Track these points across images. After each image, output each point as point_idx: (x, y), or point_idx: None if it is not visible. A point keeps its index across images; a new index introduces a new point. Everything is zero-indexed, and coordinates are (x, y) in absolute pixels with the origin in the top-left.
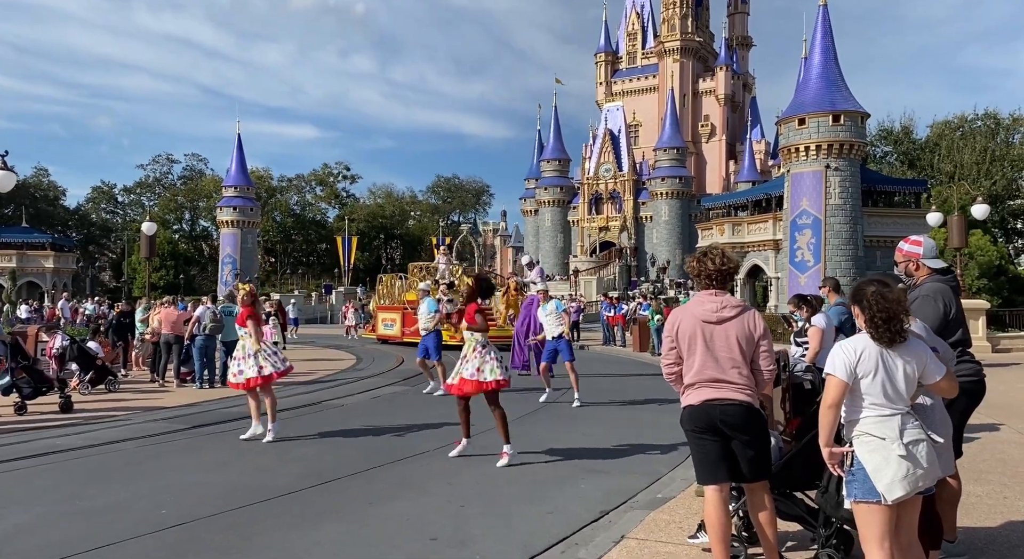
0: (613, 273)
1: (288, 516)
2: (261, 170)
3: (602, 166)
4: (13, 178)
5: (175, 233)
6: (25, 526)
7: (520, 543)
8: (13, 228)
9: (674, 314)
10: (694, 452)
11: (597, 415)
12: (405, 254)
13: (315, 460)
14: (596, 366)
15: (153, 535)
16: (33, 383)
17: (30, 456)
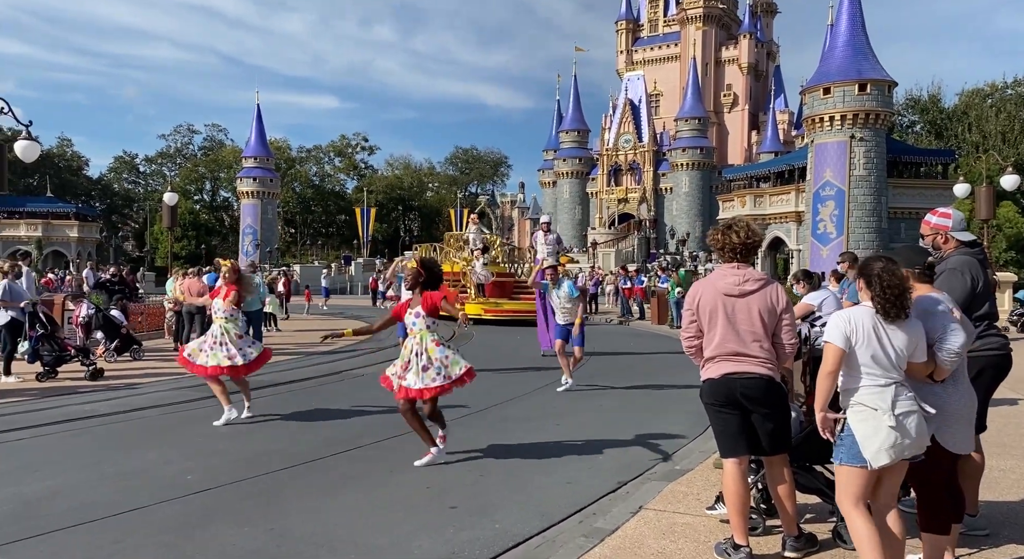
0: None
1: (310, 483)
2: (280, 141)
3: (622, 136)
4: (37, 148)
5: (196, 203)
6: (55, 489)
7: (538, 512)
8: (38, 198)
9: (695, 287)
10: (714, 425)
11: (614, 388)
12: (423, 226)
13: (336, 429)
14: (613, 339)
15: (180, 500)
16: (54, 351)
17: (59, 422)
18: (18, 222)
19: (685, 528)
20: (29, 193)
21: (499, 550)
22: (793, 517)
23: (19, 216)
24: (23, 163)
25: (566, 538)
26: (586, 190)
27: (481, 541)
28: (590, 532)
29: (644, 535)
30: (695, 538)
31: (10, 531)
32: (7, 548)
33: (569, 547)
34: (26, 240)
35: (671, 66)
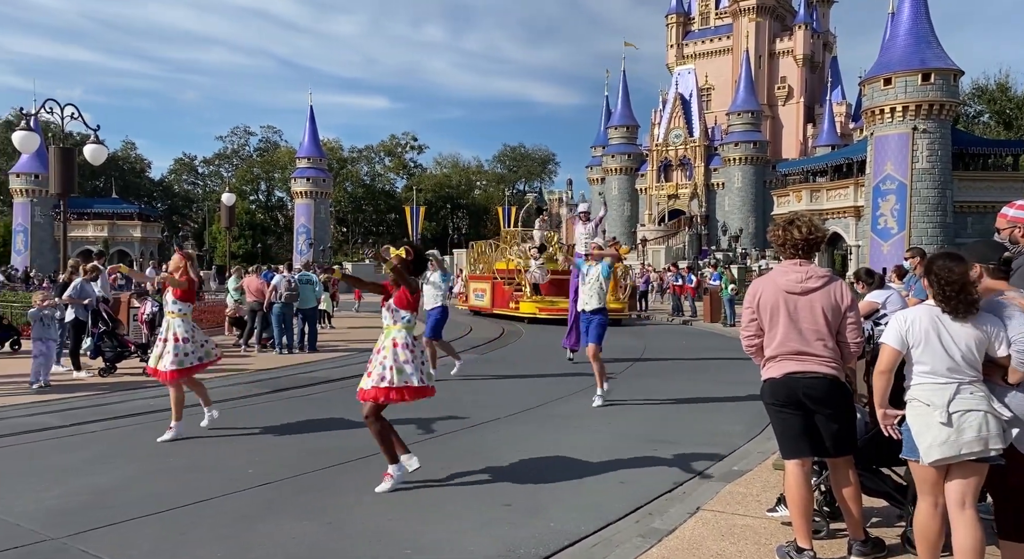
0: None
1: (363, 478)
2: (332, 141)
3: (672, 132)
4: (104, 151)
5: (252, 203)
6: (125, 481)
7: (593, 512)
8: (104, 199)
9: (755, 284)
10: (775, 426)
11: (666, 386)
12: (471, 224)
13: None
14: (665, 337)
15: (241, 493)
16: (115, 347)
17: (127, 415)
18: (86, 223)
19: (745, 530)
20: (96, 195)
21: (554, 548)
22: (859, 521)
23: (87, 217)
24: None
25: (622, 538)
26: (635, 186)
27: (536, 539)
28: (647, 532)
29: (703, 536)
30: (756, 540)
31: (85, 520)
32: (84, 536)
33: (626, 547)
34: (93, 240)
35: (723, 59)
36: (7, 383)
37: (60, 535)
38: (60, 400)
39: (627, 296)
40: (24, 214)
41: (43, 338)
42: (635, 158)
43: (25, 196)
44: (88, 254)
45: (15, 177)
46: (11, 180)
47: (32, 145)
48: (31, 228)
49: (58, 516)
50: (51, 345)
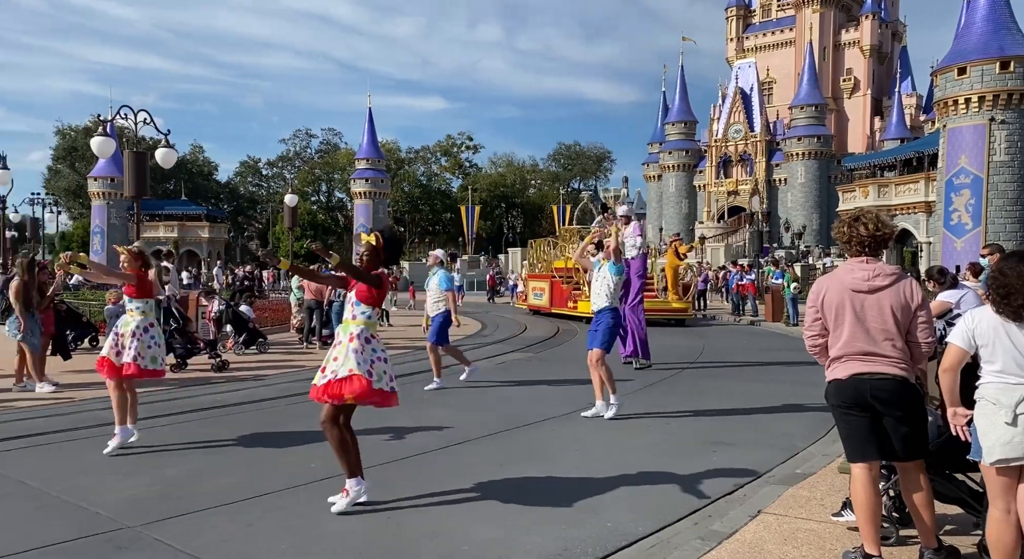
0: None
1: (423, 475)
2: (391, 142)
3: (732, 127)
4: (174, 155)
5: (313, 204)
6: (194, 473)
7: (651, 513)
8: (174, 201)
9: (819, 283)
10: (841, 428)
11: (724, 387)
12: (526, 223)
13: (445, 422)
14: (725, 337)
15: (304, 487)
16: (185, 344)
17: (195, 410)
18: (157, 224)
19: (809, 534)
20: (166, 197)
21: (611, 549)
22: (931, 528)
23: (158, 218)
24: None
25: (681, 539)
26: (693, 183)
27: (593, 539)
28: (706, 535)
29: (764, 540)
30: (820, 545)
31: (158, 510)
32: (157, 525)
33: (684, 549)
34: (164, 240)
35: (785, 52)
36: (87, 377)
37: (135, 524)
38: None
39: (691, 295)
40: (101, 216)
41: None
42: (693, 154)
43: (102, 199)
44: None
45: (93, 181)
46: (89, 184)
47: (109, 150)
48: (107, 229)
49: (133, 505)
50: None
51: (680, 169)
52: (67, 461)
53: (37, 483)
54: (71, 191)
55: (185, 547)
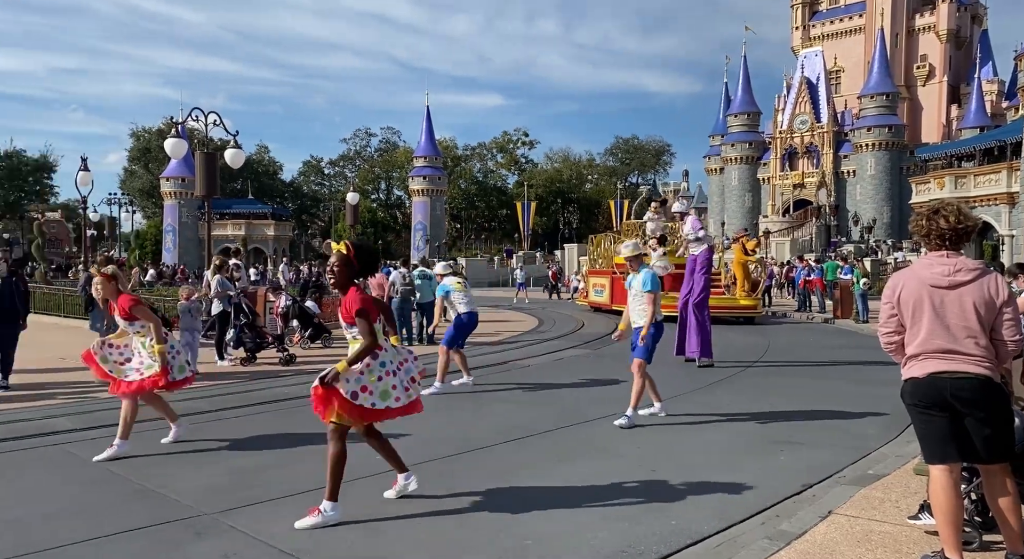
0: (809, 234)
1: (485, 468)
2: (448, 140)
3: (797, 118)
4: (243, 156)
5: (373, 202)
6: (265, 463)
7: (716, 512)
8: (241, 200)
9: (895, 278)
10: (918, 428)
11: (789, 385)
12: (582, 218)
13: (505, 417)
14: (790, 334)
15: (372, 478)
16: (255, 338)
17: (265, 402)
18: (226, 222)
19: (884, 537)
20: (234, 196)
21: (677, 546)
22: (1018, 534)
23: (227, 217)
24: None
25: (748, 539)
26: (757, 176)
27: (657, 536)
28: (774, 535)
29: (836, 541)
30: (896, 548)
31: (232, 498)
32: (232, 513)
33: (752, 548)
34: (232, 238)
35: (854, 39)
36: None
37: (212, 511)
38: (208, 387)
39: (759, 292)
40: (173, 215)
41: (189, 329)
42: (757, 146)
43: (173, 198)
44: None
45: (165, 181)
46: (162, 184)
47: (181, 151)
48: (178, 228)
49: (209, 493)
50: (196, 335)
51: (743, 162)
52: (146, 450)
53: (121, 471)
54: (145, 191)
55: (258, 535)
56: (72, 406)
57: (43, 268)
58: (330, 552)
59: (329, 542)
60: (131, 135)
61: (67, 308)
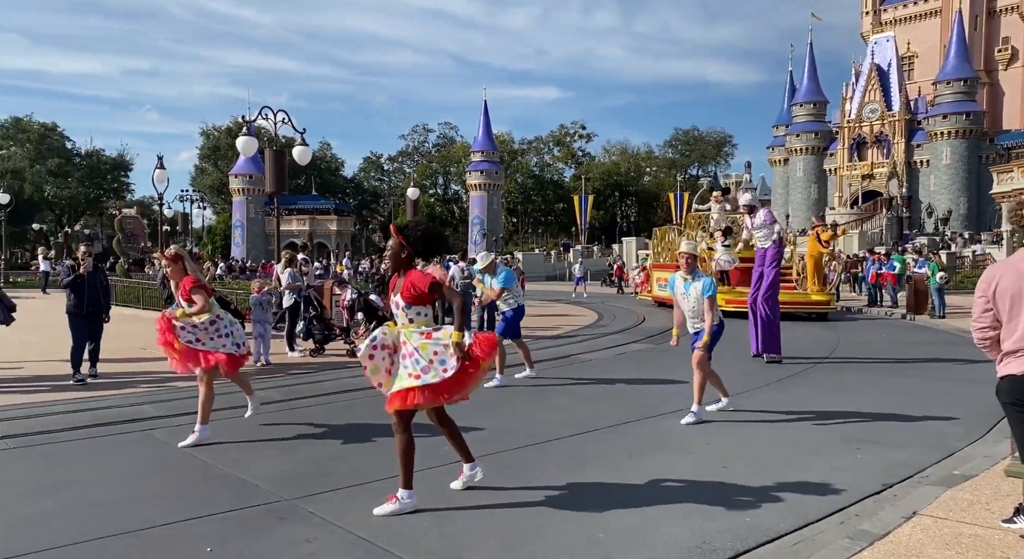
0: (880, 226)
1: (554, 462)
2: (504, 134)
3: (867, 106)
4: (310, 152)
5: (431, 197)
6: (339, 453)
7: (791, 509)
8: (305, 196)
9: (991, 271)
10: (1015, 428)
11: (864, 382)
12: (640, 211)
13: (571, 411)
14: (861, 330)
15: (442, 468)
16: (323, 330)
17: (335, 392)
18: (291, 218)
19: (974, 540)
20: (298, 192)
21: (752, 544)
22: None
23: (292, 212)
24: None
25: (827, 538)
26: (823, 167)
27: (731, 533)
28: (855, 534)
29: (922, 543)
30: (989, 553)
31: (310, 485)
32: (310, 499)
33: (832, 548)
34: (297, 233)
35: (929, 23)
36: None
37: (291, 497)
38: (280, 377)
39: (833, 287)
40: (241, 211)
41: (261, 321)
42: (823, 136)
43: (241, 195)
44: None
45: (233, 178)
46: (231, 180)
47: (252, 148)
48: (246, 223)
49: (288, 480)
50: (267, 326)
51: (808, 152)
52: (227, 436)
53: (204, 456)
54: (215, 188)
55: (337, 521)
56: (155, 394)
57: (123, 262)
58: (405, 539)
59: (404, 529)
60: (201, 133)
61: (146, 300)
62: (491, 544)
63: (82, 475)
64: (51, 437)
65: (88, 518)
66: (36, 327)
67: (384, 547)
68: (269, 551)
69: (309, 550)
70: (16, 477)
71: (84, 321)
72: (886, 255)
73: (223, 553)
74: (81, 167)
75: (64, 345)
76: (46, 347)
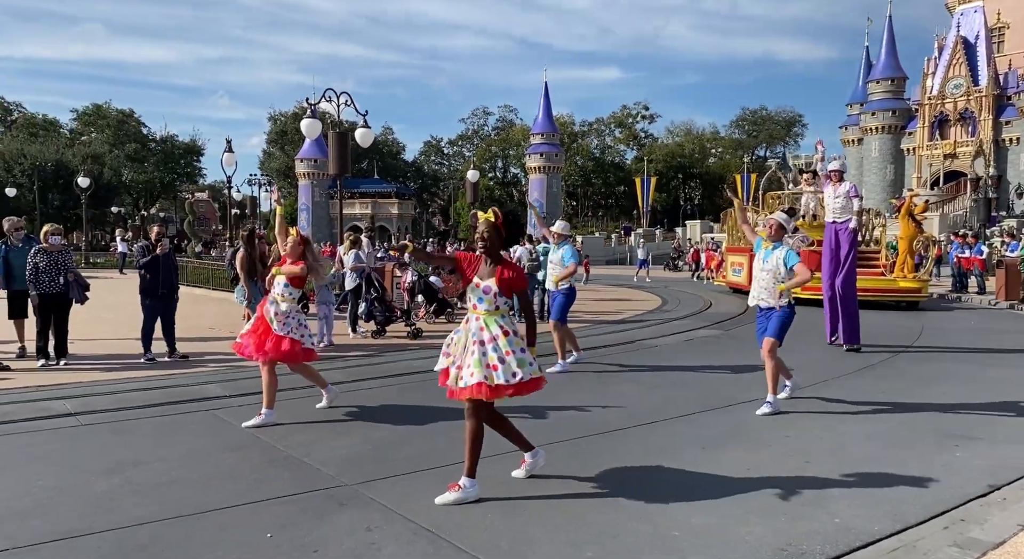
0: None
1: (620, 451)
2: (565, 116)
3: (950, 81)
4: (372, 135)
5: (490, 180)
6: (399, 436)
7: (885, 510)
8: (368, 179)
9: None
10: None
11: (955, 372)
12: (704, 194)
13: (637, 399)
14: (946, 318)
15: (506, 456)
16: (384, 312)
17: (394, 375)
18: (353, 201)
19: None
20: (360, 176)
21: (844, 548)
22: None
23: (355, 196)
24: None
25: (930, 545)
26: (900, 146)
27: (821, 535)
28: (964, 542)
29: None
30: None
31: (371, 470)
32: (371, 484)
33: (937, 556)
34: (359, 217)
35: None
36: None
37: (352, 482)
38: (342, 358)
39: (927, 272)
40: (306, 194)
41: (325, 302)
42: (901, 115)
43: (307, 178)
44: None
45: (299, 162)
46: (296, 165)
47: (316, 130)
48: (312, 207)
49: (349, 464)
50: (331, 308)
51: (885, 131)
52: (290, 417)
53: (267, 438)
54: (281, 172)
55: (397, 508)
56: (222, 373)
57: (194, 244)
58: (468, 531)
59: (467, 520)
60: (269, 119)
61: (215, 281)
62: (559, 539)
63: (149, 454)
64: (120, 415)
65: (155, 498)
66: (111, 307)
67: (447, 538)
68: (330, 538)
69: (370, 539)
70: (88, 454)
71: (158, 301)
72: (974, 237)
73: (283, 539)
74: (156, 152)
75: (137, 324)
76: (119, 326)
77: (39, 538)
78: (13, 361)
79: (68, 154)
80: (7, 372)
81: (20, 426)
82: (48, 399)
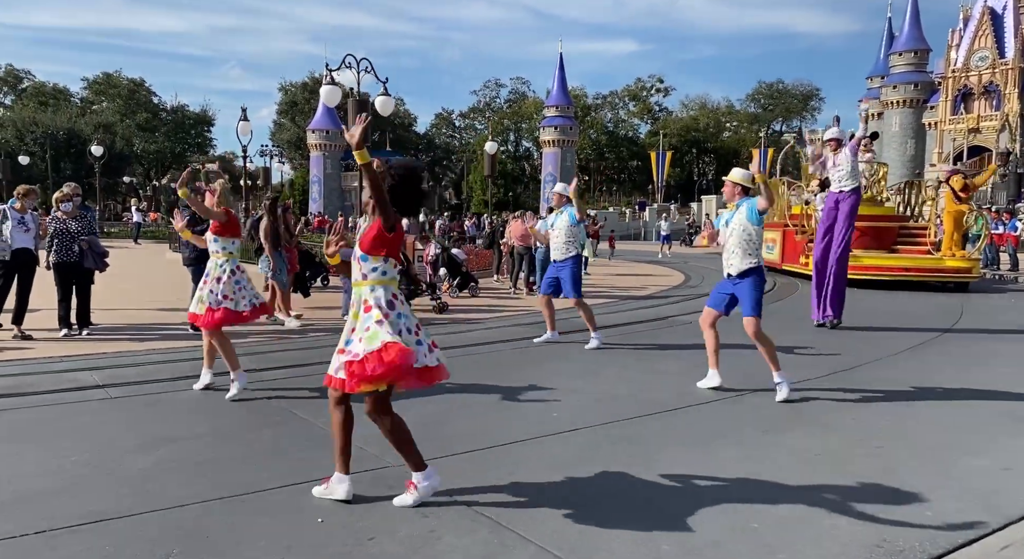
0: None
1: (677, 435)
2: (577, 89)
3: (976, 54)
4: (392, 103)
5: (502, 154)
6: (436, 415)
7: (981, 503)
8: (379, 151)
9: None
10: None
11: (1017, 351)
12: (719, 168)
13: (684, 377)
14: (988, 297)
15: (553, 437)
16: (409, 285)
17: None
18: None
19: None
20: (373, 148)
21: (946, 546)
22: None
23: None
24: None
25: None
26: (921, 121)
27: (917, 531)
28: None
29: None
30: None
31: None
32: None
33: None
34: None
35: None
36: (326, 314)
37: (397, 462)
38: None
39: (979, 250)
40: (318, 166)
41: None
42: (923, 88)
43: (319, 150)
44: None
45: (311, 133)
46: (308, 136)
47: (336, 98)
48: (323, 178)
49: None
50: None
51: (906, 105)
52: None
53: (303, 413)
54: (292, 143)
55: (450, 491)
56: (248, 346)
57: None
58: (532, 520)
59: (528, 506)
60: (279, 89)
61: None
62: (631, 531)
63: (185, 430)
64: (151, 388)
65: (194, 478)
66: (131, 276)
67: (511, 528)
68: (384, 525)
69: (428, 526)
70: (120, 429)
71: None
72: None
73: (335, 524)
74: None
75: (158, 294)
76: (140, 295)
77: (76, 519)
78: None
79: (80, 123)
80: (29, 341)
81: (45, 398)
82: (74, 370)
